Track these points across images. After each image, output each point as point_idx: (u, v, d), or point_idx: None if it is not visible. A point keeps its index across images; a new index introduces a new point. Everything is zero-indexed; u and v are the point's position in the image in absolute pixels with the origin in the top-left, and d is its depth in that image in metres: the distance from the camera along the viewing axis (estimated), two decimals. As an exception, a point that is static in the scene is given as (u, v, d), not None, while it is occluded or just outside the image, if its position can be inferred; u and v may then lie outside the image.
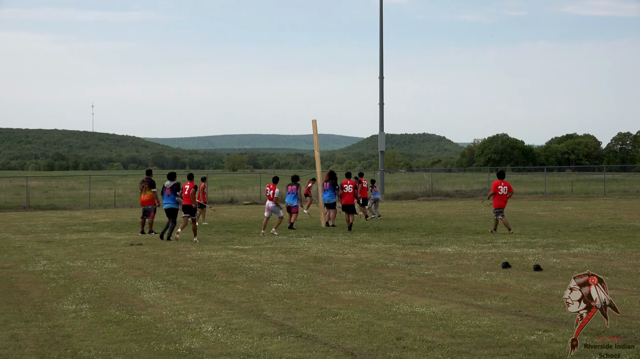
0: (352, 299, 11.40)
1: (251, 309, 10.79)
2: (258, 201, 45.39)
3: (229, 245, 19.88)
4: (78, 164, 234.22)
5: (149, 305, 11.23)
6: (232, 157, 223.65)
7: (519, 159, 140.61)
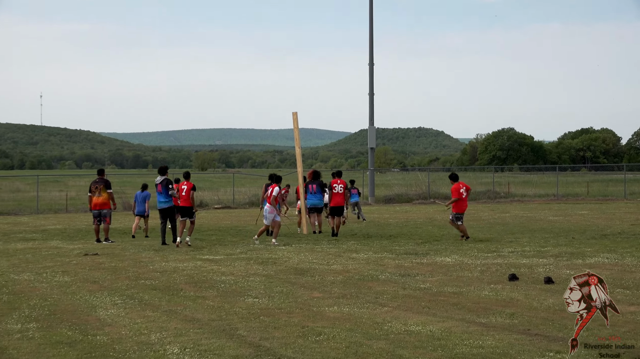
0: (338, 317, 11.40)
1: (223, 328, 10.77)
2: (231, 204, 45.35)
3: (197, 255, 19.84)
4: (24, 162, 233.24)
5: (106, 324, 11.19)
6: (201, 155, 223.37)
7: (527, 157, 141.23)
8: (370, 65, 49.58)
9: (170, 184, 22.47)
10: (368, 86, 49.62)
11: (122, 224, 31.49)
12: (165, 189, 22.46)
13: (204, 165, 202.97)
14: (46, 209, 42.53)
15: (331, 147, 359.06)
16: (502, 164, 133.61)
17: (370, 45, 49.60)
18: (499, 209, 39.87)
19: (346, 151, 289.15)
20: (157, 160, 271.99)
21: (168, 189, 22.43)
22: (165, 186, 22.46)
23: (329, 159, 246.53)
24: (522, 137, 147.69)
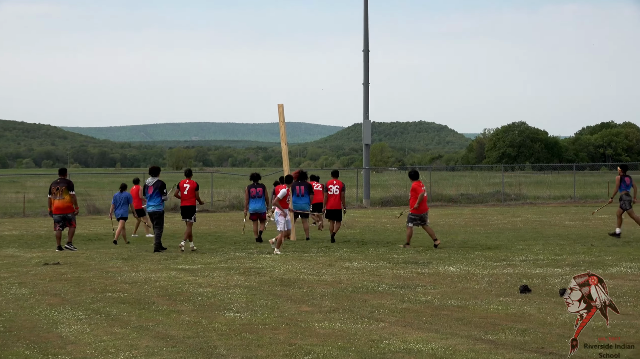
0: (329, 333, 11.41)
1: (200, 346, 10.77)
2: (209, 207, 45.33)
3: (171, 264, 19.84)
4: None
5: (69, 342, 11.18)
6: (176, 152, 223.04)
7: (541, 155, 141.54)
8: (364, 52, 49.59)
9: (164, 188, 22.71)
10: (362, 75, 49.64)
11: (87, 230, 31.45)
12: (158, 192, 22.64)
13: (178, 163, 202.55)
14: (0, 213, 42.44)
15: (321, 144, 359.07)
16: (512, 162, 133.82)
17: (365, 28, 49.63)
18: (509, 212, 39.95)
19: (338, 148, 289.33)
20: (125, 158, 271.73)
21: (162, 192, 22.64)
22: (158, 189, 22.65)
23: (319, 156, 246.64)
24: (534, 132, 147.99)
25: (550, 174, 78.57)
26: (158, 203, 22.77)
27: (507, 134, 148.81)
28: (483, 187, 55.94)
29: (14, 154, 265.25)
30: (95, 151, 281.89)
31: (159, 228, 22.93)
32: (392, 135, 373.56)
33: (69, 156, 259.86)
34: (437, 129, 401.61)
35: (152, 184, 22.82)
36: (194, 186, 23.66)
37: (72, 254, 22.37)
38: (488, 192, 52.68)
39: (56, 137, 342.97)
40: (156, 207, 22.80)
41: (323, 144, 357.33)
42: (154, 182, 22.82)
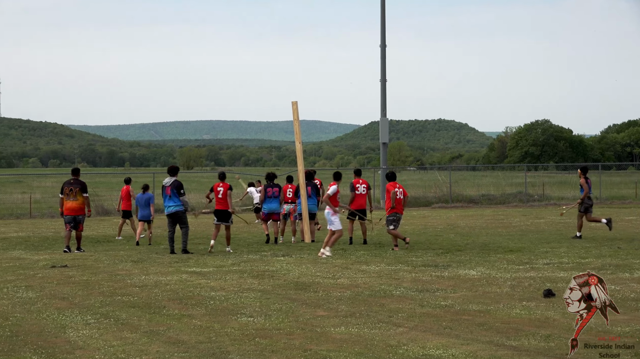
0: (345, 338, 11.42)
1: (212, 351, 10.79)
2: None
3: (182, 267, 19.87)
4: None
5: (77, 347, 11.21)
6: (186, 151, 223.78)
7: (565, 154, 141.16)
8: (382, 47, 49.58)
9: (181, 188, 22.82)
10: (380, 72, 49.64)
11: (95, 232, 31.54)
12: (175, 191, 22.76)
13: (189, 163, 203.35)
14: (6, 214, 42.59)
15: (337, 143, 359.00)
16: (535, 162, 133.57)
17: (382, 23, 49.60)
18: (532, 214, 39.89)
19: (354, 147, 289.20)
20: (134, 157, 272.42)
21: (180, 192, 22.75)
22: (176, 189, 22.77)
23: (335, 155, 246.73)
24: (558, 130, 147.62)
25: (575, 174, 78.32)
26: (178, 203, 22.84)
27: (530, 132, 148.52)
28: (505, 188, 55.85)
29: (19, 153, 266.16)
30: (103, 150, 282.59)
31: (185, 228, 23.04)
32: (410, 133, 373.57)
33: (76, 155, 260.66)
34: (457, 128, 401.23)
35: (169, 184, 22.91)
36: (227, 187, 24.07)
37: (80, 257, 22.43)
38: (510, 193, 52.59)
39: (63, 135, 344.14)
40: (177, 207, 22.87)
41: (339, 142, 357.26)
42: (171, 182, 22.92)
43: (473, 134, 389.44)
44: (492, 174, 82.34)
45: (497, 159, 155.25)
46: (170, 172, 23.31)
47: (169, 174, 23.19)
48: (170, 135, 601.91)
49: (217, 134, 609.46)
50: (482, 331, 11.82)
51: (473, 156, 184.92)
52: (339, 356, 10.37)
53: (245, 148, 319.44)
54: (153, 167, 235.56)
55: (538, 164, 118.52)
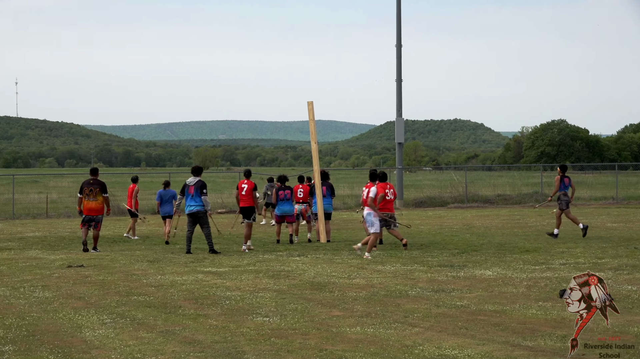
0: (361, 338, 11.42)
1: (228, 351, 10.80)
2: (237, 208, 45.33)
3: (198, 267, 19.90)
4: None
5: (93, 346, 11.24)
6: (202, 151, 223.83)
7: (581, 154, 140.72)
8: (397, 47, 49.54)
9: (204, 188, 22.92)
10: (395, 71, 49.61)
11: (112, 232, 31.61)
12: (198, 191, 22.86)
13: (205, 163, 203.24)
14: (23, 214, 42.71)
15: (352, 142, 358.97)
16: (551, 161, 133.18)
17: (397, 23, 49.57)
18: (548, 214, 39.77)
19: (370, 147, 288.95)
20: (150, 157, 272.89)
21: (202, 192, 22.85)
22: (199, 188, 22.87)
23: (350, 155, 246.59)
24: (575, 130, 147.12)
25: (592, 174, 78.22)
26: (200, 203, 22.92)
27: (546, 132, 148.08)
28: (521, 188, 55.72)
29: (36, 153, 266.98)
30: (119, 150, 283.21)
31: (207, 227, 23.12)
32: (426, 133, 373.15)
33: (92, 155, 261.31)
34: (472, 127, 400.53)
35: (193, 184, 23.01)
36: (251, 186, 24.48)
37: (96, 257, 22.48)
38: (526, 193, 52.42)
39: (79, 135, 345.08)
40: (197, 207, 22.95)
41: (354, 142, 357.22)
42: (195, 182, 23.02)
43: (489, 134, 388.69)
44: (508, 174, 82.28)
45: (513, 159, 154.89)
46: (194, 172, 23.40)
47: (193, 174, 23.27)
48: (186, 135, 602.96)
49: (232, 134, 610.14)
50: (498, 331, 11.80)
51: (489, 156, 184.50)
52: (354, 356, 10.37)
53: (261, 148, 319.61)
54: (169, 167, 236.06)
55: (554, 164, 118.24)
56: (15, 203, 44.77)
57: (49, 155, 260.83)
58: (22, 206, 46.47)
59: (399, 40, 49.50)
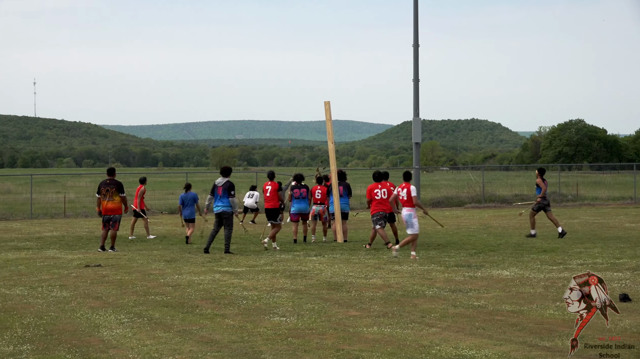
0: (378, 338, 11.42)
1: (245, 351, 10.82)
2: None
3: (215, 267, 19.93)
4: (15, 160, 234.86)
5: (111, 346, 11.27)
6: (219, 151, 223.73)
7: (599, 154, 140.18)
8: (414, 47, 49.43)
9: (233, 189, 23.01)
10: (412, 71, 49.52)
11: (128, 232, 31.66)
12: (226, 192, 22.96)
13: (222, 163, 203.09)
14: (41, 214, 42.84)
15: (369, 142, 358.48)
16: (569, 161, 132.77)
17: (414, 22, 49.47)
18: (565, 214, 39.68)
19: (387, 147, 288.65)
20: (167, 157, 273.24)
21: (230, 194, 22.94)
22: (227, 189, 22.95)
23: (367, 155, 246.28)
24: (593, 130, 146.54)
25: (609, 174, 77.95)
26: (227, 204, 23.00)
27: (564, 132, 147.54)
28: (538, 188, 55.51)
29: (54, 153, 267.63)
30: (136, 150, 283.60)
31: (229, 229, 23.19)
32: (443, 133, 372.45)
33: (110, 154, 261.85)
34: (490, 127, 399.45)
35: (221, 185, 23.08)
36: (275, 187, 24.94)
37: (114, 256, 22.54)
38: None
39: (97, 135, 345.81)
40: (224, 208, 23.02)
41: (371, 142, 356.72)
42: (223, 183, 23.09)
43: (506, 133, 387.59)
44: (525, 174, 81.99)
45: (531, 159, 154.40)
46: (224, 173, 23.46)
47: (222, 175, 23.35)
48: (203, 135, 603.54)
49: (249, 134, 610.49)
50: (515, 331, 11.78)
51: (506, 155, 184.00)
52: (371, 356, 10.37)
53: (278, 148, 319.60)
54: (186, 167, 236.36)
55: (572, 164, 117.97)
56: (34, 203, 44.90)
57: (67, 155, 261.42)
58: (40, 205, 46.61)
59: (416, 39, 49.39)
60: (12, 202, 50.89)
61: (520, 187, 55.62)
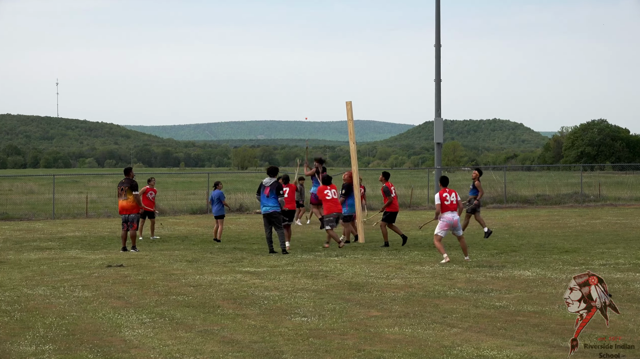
0: (399, 339, 11.41)
1: (266, 351, 10.83)
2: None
3: (236, 267, 19.96)
4: (38, 160, 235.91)
5: (132, 346, 11.31)
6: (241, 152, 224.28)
7: (622, 154, 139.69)
8: (436, 47, 49.36)
9: (281, 189, 23.09)
10: (434, 71, 49.46)
11: (149, 231, 31.71)
12: (274, 192, 22.99)
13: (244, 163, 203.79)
14: (63, 214, 42.99)
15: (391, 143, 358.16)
16: (591, 162, 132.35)
17: (436, 23, 49.40)
18: (588, 214, 39.55)
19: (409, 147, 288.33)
20: (189, 157, 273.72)
21: (279, 193, 23.00)
22: (275, 190, 22.99)
23: (389, 156, 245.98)
24: (615, 130, 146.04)
25: (632, 174, 77.61)
26: (275, 204, 23.01)
27: (586, 132, 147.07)
28: (560, 188, 55.35)
29: (76, 153, 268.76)
30: (158, 150, 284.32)
31: (281, 228, 23.19)
32: (464, 133, 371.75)
33: (132, 155, 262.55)
34: (512, 127, 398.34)
35: (269, 185, 23.07)
36: (293, 189, 25.43)
37: (136, 256, 22.60)
38: (566, 193, 52.08)
39: (119, 136, 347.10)
40: (274, 208, 23.00)
41: (393, 142, 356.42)
42: (271, 183, 23.08)
43: (528, 134, 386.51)
44: (547, 175, 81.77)
45: (553, 159, 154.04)
46: (270, 173, 23.49)
47: (269, 175, 23.36)
48: (225, 135, 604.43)
49: (271, 134, 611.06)
50: (537, 332, 11.75)
51: (528, 156, 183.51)
52: (392, 357, 10.37)
53: (299, 148, 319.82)
54: (208, 167, 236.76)
55: (594, 164, 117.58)
56: (56, 203, 45.06)
57: (89, 155, 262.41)
58: (62, 205, 46.76)
59: (438, 40, 49.32)
60: (34, 202, 51.09)
61: (542, 188, 55.45)
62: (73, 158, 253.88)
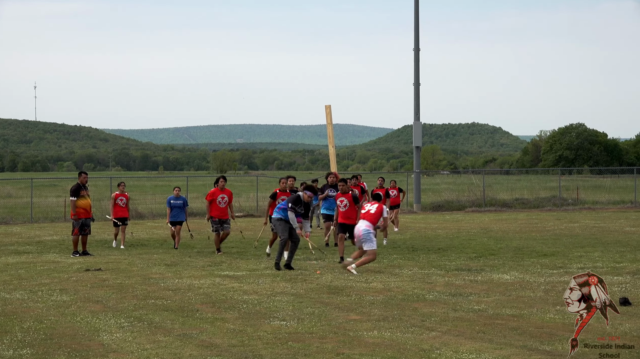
0: (378, 342, 11.42)
1: (245, 355, 10.82)
2: (254, 212, 45.45)
3: (215, 270, 19.93)
4: (16, 163, 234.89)
5: (111, 350, 11.28)
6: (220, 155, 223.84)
7: (600, 158, 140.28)
8: (415, 51, 49.54)
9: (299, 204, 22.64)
10: (413, 75, 49.60)
11: (128, 235, 31.63)
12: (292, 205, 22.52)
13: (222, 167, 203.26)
14: (41, 218, 42.86)
15: (370, 146, 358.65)
16: (570, 165, 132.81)
17: (415, 27, 49.57)
18: (566, 218, 39.71)
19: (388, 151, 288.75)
20: (168, 161, 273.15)
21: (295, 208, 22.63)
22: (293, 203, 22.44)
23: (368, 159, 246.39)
24: (593, 134, 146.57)
25: (610, 177, 77.78)
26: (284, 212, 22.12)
27: (565, 136, 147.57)
28: (539, 192, 55.60)
29: (54, 157, 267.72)
30: (137, 154, 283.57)
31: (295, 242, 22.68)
32: (443, 137, 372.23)
33: (110, 158, 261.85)
34: (490, 131, 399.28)
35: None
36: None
37: (114, 261, 22.54)
38: (544, 197, 52.31)
39: (97, 139, 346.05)
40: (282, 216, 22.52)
41: (372, 146, 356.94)
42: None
43: (507, 137, 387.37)
44: (526, 178, 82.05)
45: (531, 162, 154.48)
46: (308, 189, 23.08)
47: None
48: (204, 139, 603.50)
49: (250, 137, 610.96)
50: (515, 335, 11.79)
51: (507, 159, 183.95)
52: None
53: (279, 152, 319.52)
54: (186, 171, 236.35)
55: (572, 168, 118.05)
56: (34, 207, 44.92)
57: (67, 159, 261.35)
58: (40, 209, 46.62)
59: (417, 44, 49.50)
60: (12, 206, 50.91)
61: (521, 191, 55.68)
62: (51, 162, 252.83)
